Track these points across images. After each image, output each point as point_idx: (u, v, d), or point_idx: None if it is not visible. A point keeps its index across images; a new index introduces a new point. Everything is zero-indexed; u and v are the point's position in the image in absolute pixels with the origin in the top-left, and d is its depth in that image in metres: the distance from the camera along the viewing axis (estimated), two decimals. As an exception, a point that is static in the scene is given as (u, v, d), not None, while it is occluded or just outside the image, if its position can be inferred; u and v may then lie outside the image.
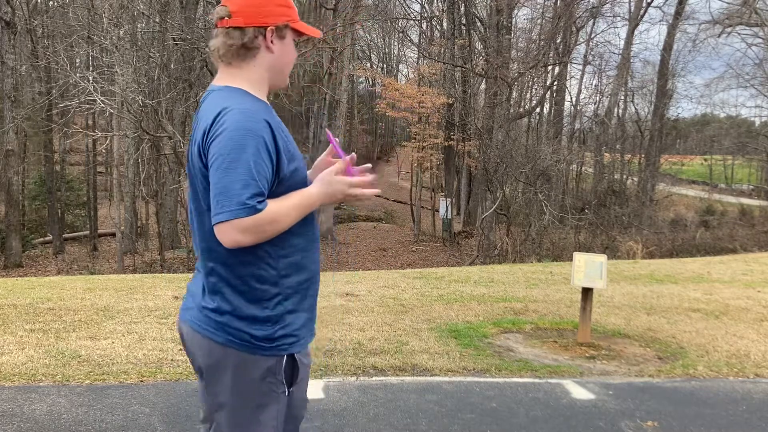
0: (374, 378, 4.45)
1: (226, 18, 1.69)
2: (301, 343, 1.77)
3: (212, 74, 21.75)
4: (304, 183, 1.72)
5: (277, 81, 1.78)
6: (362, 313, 6.41)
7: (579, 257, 5.47)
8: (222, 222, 1.55)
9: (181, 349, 4.93)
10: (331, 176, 1.68)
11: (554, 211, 19.97)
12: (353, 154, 1.73)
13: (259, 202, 1.56)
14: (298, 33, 1.77)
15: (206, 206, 1.65)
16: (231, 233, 1.56)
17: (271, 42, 1.72)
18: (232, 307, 1.68)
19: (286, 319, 1.71)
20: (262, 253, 1.66)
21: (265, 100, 1.76)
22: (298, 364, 1.77)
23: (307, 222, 1.73)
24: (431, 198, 30.49)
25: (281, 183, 1.66)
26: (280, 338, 1.71)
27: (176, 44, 18.05)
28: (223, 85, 1.73)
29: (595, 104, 34.40)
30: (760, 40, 27.88)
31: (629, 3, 29.62)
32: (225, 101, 1.65)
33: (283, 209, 1.62)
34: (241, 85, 1.72)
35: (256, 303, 1.68)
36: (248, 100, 1.68)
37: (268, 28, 1.71)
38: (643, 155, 31.16)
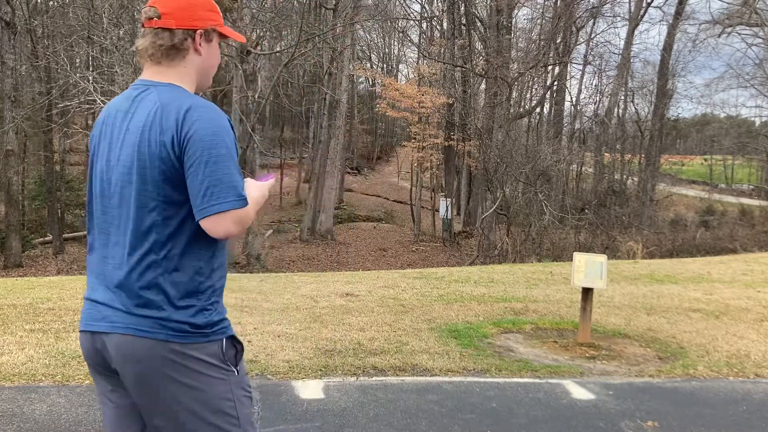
0: (374, 378, 4.45)
1: (155, 18, 1.73)
2: (231, 327, 1.81)
3: (212, 74, 21.84)
4: None
5: (202, 82, 1.83)
6: (362, 313, 6.41)
7: (579, 257, 5.47)
8: (219, 213, 1.60)
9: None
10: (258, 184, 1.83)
11: (554, 211, 19.97)
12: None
13: (244, 198, 1.66)
14: (223, 36, 1.83)
15: (162, 197, 1.65)
16: (226, 224, 1.61)
17: (200, 45, 1.77)
18: (170, 300, 1.66)
19: (217, 307, 1.75)
20: (205, 248, 1.71)
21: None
22: (237, 340, 1.78)
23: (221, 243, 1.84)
24: (431, 198, 30.50)
25: None
26: (219, 322, 1.74)
27: (176, 44, 18.03)
28: (159, 81, 1.75)
29: (595, 104, 34.47)
30: (760, 40, 27.89)
31: (629, 3, 29.66)
32: (183, 97, 1.69)
33: (252, 204, 1.72)
34: (174, 81, 1.76)
35: (194, 295, 1.69)
36: (199, 97, 1.74)
37: (197, 32, 1.76)
38: (643, 155, 31.17)
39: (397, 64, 46.82)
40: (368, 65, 43.27)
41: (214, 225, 1.61)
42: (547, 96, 30.23)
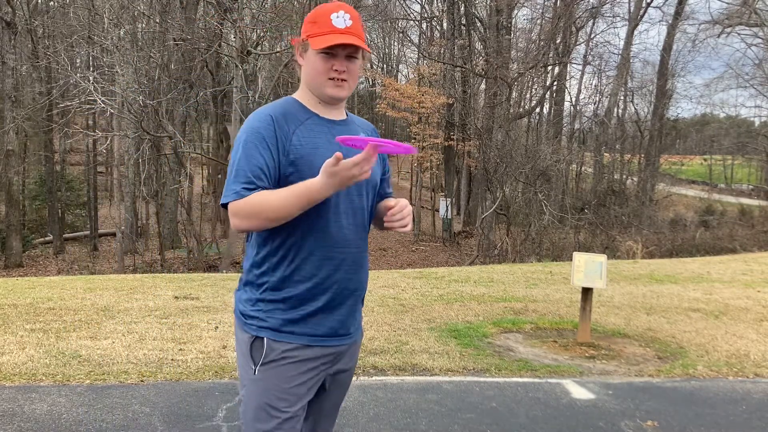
0: (374, 378, 4.46)
1: None
2: (277, 332, 1.81)
3: (212, 74, 21.84)
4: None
5: (316, 91, 1.86)
6: (362, 313, 6.40)
7: (579, 257, 5.48)
8: (223, 207, 1.75)
9: (181, 349, 4.94)
10: (332, 166, 1.64)
11: (554, 211, 19.98)
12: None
13: (246, 189, 1.69)
14: (322, 48, 1.81)
15: None
16: (230, 216, 1.73)
17: (300, 56, 1.88)
18: (241, 281, 1.93)
19: (266, 305, 1.82)
20: (256, 244, 1.85)
21: (317, 106, 1.86)
22: (266, 347, 1.80)
23: (311, 233, 1.79)
24: (431, 198, 30.51)
25: (282, 184, 1.75)
26: (252, 318, 1.83)
27: (177, 44, 18.07)
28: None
29: (594, 104, 34.43)
30: (760, 40, 27.88)
31: (629, 3, 29.64)
32: None
33: (275, 194, 1.69)
34: (297, 93, 1.91)
35: (249, 284, 1.87)
36: (280, 102, 1.87)
37: (295, 45, 1.89)
38: (642, 155, 31.18)
39: (397, 64, 46.76)
40: (368, 65, 43.22)
41: (230, 220, 1.75)
42: (547, 96, 30.22)
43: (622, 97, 32.68)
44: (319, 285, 1.81)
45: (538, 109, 31.61)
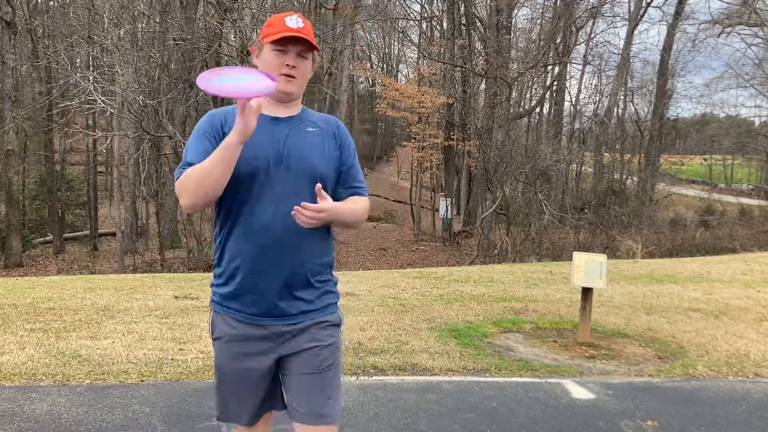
0: (374, 377, 4.46)
1: None
2: (219, 306, 2.04)
3: (212, 74, 21.83)
4: (240, 178, 1.91)
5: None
6: (362, 313, 6.41)
7: (579, 257, 5.48)
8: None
9: (181, 349, 4.94)
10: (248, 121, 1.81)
11: (554, 211, 19.98)
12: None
13: (182, 169, 1.92)
14: (273, 42, 1.95)
15: None
16: (178, 194, 1.94)
17: (256, 57, 2.03)
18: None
19: (213, 282, 2.07)
20: (215, 222, 2.06)
21: (264, 104, 1.91)
22: (213, 322, 2.06)
23: (240, 216, 1.95)
24: (431, 198, 30.50)
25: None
26: (212, 296, 2.07)
27: (177, 44, 18.05)
28: None
29: (594, 104, 34.46)
30: (760, 40, 27.88)
31: (629, 3, 29.64)
32: None
33: (198, 167, 1.87)
34: None
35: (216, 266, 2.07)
36: (230, 106, 2.00)
37: (252, 51, 2.05)
38: (642, 155, 31.18)
39: (397, 64, 46.79)
40: (368, 65, 43.24)
41: None
42: (547, 96, 30.22)
43: (622, 97, 32.70)
44: (242, 266, 1.96)
45: (538, 109, 31.63)
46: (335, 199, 2.00)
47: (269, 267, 1.94)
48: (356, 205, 2.07)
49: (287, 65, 1.95)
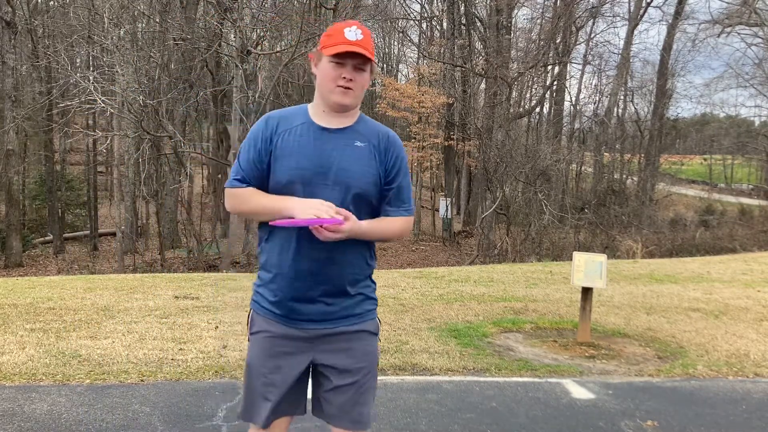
0: (374, 377, 4.45)
1: None
2: (260, 306, 2.12)
3: (212, 74, 21.85)
4: (276, 186, 2.01)
5: (325, 98, 2.03)
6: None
7: (579, 257, 5.48)
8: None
9: (181, 349, 4.94)
10: (310, 201, 1.93)
11: (554, 211, 19.98)
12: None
13: (236, 180, 2.05)
14: (332, 55, 1.98)
15: None
16: (225, 197, 2.11)
17: (315, 66, 2.07)
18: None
19: (256, 282, 2.14)
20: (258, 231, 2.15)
21: (321, 114, 2.05)
22: (250, 317, 2.15)
23: (291, 237, 2.01)
24: (431, 198, 30.51)
25: (267, 180, 2.03)
26: (253, 293, 2.15)
27: (177, 44, 18.06)
28: None
29: (594, 104, 34.45)
30: (760, 40, 27.88)
31: (629, 3, 29.64)
32: None
33: (250, 195, 2.03)
34: (310, 103, 2.13)
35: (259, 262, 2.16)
36: (291, 107, 2.13)
37: (312, 58, 2.09)
38: (642, 155, 31.17)
39: (397, 64, 46.71)
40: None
41: None
42: (547, 96, 30.21)
43: (622, 97, 32.70)
44: (283, 273, 2.03)
45: (538, 109, 31.63)
46: (381, 215, 2.09)
47: (309, 276, 2.01)
48: (387, 225, 2.09)
49: (344, 78, 1.98)
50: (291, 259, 2.01)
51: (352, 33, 1.97)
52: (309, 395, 2.16)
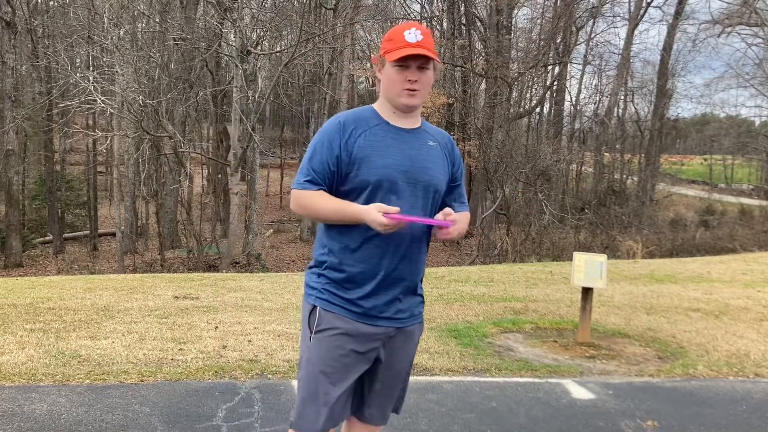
0: (374, 378, 4.45)
1: None
2: (331, 304, 2.07)
3: (212, 74, 21.85)
4: (363, 185, 2.02)
5: (392, 101, 2.08)
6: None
7: (579, 257, 5.48)
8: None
9: (181, 349, 4.94)
10: (375, 210, 1.93)
11: (554, 211, 19.98)
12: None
13: (307, 182, 2.03)
14: (396, 60, 2.02)
15: None
16: (291, 200, 2.09)
17: (379, 71, 2.12)
18: (311, 261, 2.18)
19: (322, 281, 2.10)
20: (326, 226, 2.11)
21: (392, 116, 2.10)
22: (317, 315, 2.08)
23: (355, 231, 2.03)
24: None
25: (342, 181, 2.03)
26: (313, 289, 2.11)
27: (176, 44, 18.06)
28: None
29: (595, 104, 34.43)
30: (760, 40, 27.88)
31: (629, 3, 29.65)
32: None
33: (320, 199, 2.01)
34: (376, 103, 2.15)
35: (317, 262, 2.13)
36: (358, 109, 2.13)
37: (375, 62, 2.14)
38: (643, 155, 31.16)
39: (397, 64, 46.71)
40: (368, 65, 43.21)
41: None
42: (547, 96, 30.20)
43: (622, 97, 32.69)
44: (368, 270, 2.04)
45: (538, 109, 31.61)
46: (441, 204, 2.18)
47: (396, 273, 2.06)
48: (465, 216, 2.16)
49: (409, 80, 2.02)
50: (378, 257, 2.03)
51: (412, 35, 2.01)
52: None
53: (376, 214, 1.90)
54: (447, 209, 2.04)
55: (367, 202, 2.00)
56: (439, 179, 2.13)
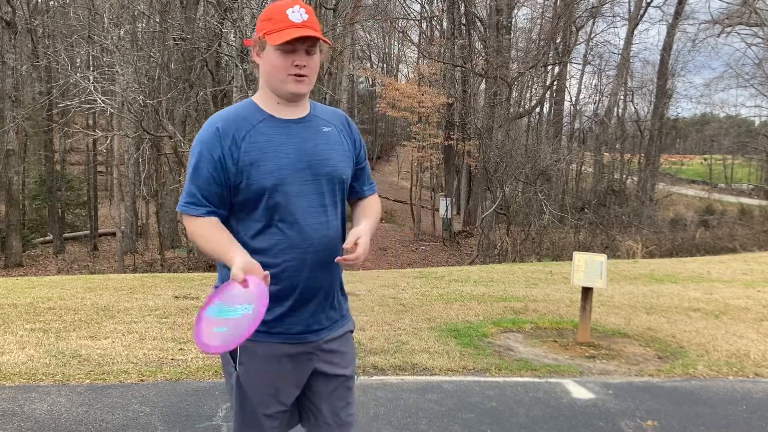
0: (374, 377, 4.45)
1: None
2: (259, 333, 1.82)
3: (212, 74, 21.85)
4: (259, 193, 1.79)
5: (276, 89, 1.85)
6: (362, 313, 6.41)
7: (579, 257, 5.48)
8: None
9: (181, 349, 4.94)
10: (247, 259, 1.75)
11: (554, 211, 19.99)
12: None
13: (191, 204, 1.82)
14: (281, 43, 1.79)
15: None
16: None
17: (257, 56, 1.86)
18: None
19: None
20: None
21: (276, 107, 1.87)
22: (240, 348, 1.84)
23: (278, 234, 1.83)
24: (431, 198, 30.50)
25: (235, 193, 1.81)
26: None
27: (177, 44, 18.05)
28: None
29: (594, 104, 34.50)
30: (760, 40, 27.86)
31: (629, 3, 29.67)
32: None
33: (207, 234, 1.82)
34: (257, 94, 1.90)
35: (220, 280, 1.93)
36: (234, 107, 1.87)
37: (251, 45, 1.87)
38: (642, 155, 31.17)
39: (397, 64, 46.73)
40: (368, 65, 43.26)
41: None
42: (547, 96, 30.22)
43: (622, 97, 32.71)
44: (286, 287, 1.83)
45: (538, 109, 31.64)
46: (353, 196, 2.05)
47: (314, 282, 1.87)
48: (375, 210, 2.07)
49: (296, 65, 1.80)
50: (297, 268, 1.83)
51: (297, 14, 1.78)
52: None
53: (237, 270, 1.70)
54: (351, 237, 1.84)
55: (268, 209, 1.79)
56: (342, 167, 1.91)
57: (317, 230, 1.84)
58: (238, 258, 1.74)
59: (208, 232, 1.81)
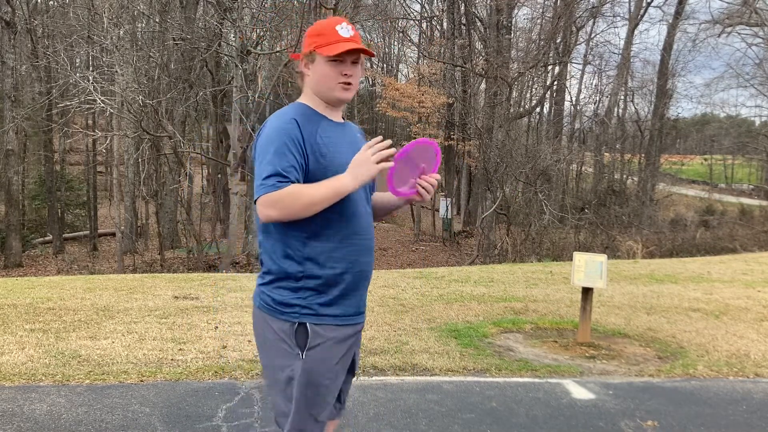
0: (374, 378, 4.45)
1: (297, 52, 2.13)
2: (318, 317, 1.99)
3: (212, 74, 21.85)
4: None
5: (325, 96, 2.05)
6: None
7: (579, 257, 5.47)
8: (255, 201, 1.90)
9: (181, 349, 4.94)
10: (355, 156, 1.92)
11: (554, 211, 19.97)
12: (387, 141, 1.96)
13: (279, 182, 1.86)
14: (334, 54, 1.99)
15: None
16: (260, 209, 1.88)
17: (306, 67, 2.07)
18: (265, 275, 2.04)
19: (304, 293, 1.99)
20: (289, 235, 1.98)
21: (325, 110, 2.08)
22: (310, 332, 1.98)
23: (341, 221, 1.99)
24: (431, 197, 30.39)
25: (308, 179, 1.94)
26: (293, 306, 1.98)
27: (176, 44, 18.06)
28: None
29: (595, 104, 34.47)
30: (760, 40, 27.86)
31: (629, 3, 29.65)
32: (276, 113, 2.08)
33: (306, 187, 1.89)
34: (302, 100, 2.10)
35: (284, 276, 1.99)
36: (293, 106, 2.06)
37: (300, 58, 2.09)
38: (643, 155, 31.16)
39: (397, 64, 46.69)
40: (368, 65, 43.18)
41: (258, 211, 1.91)
42: (547, 96, 30.20)
43: (622, 97, 32.69)
44: (348, 269, 2.01)
45: (538, 109, 31.61)
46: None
47: (366, 266, 2.08)
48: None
49: (345, 74, 2.01)
50: (356, 253, 2.03)
51: (345, 30, 2.02)
52: None
53: (360, 154, 1.91)
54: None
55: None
56: None
57: (366, 219, 2.09)
58: (345, 174, 1.91)
59: (298, 189, 1.88)
